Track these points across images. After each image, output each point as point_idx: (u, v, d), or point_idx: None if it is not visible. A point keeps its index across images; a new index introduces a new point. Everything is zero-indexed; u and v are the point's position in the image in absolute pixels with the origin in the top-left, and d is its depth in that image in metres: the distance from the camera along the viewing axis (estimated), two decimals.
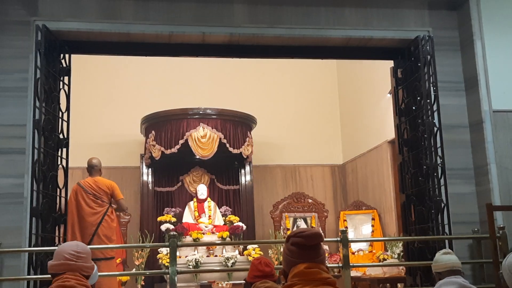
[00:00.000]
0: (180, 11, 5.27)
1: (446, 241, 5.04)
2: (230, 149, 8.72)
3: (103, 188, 6.26)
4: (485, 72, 5.30)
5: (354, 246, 8.30)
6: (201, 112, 8.76)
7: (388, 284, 7.16)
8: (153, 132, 8.73)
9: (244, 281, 7.74)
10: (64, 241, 5.07)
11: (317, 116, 10.52)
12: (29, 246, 4.58)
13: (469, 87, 5.44)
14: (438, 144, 5.22)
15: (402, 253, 7.22)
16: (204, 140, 8.58)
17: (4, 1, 5.03)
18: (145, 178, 9.34)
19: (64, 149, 5.17)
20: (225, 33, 5.33)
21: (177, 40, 5.40)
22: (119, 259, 7.47)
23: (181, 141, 8.56)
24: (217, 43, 5.50)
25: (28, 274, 4.58)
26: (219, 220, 8.79)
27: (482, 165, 5.23)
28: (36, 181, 4.69)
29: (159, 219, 8.67)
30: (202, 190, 8.95)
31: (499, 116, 5.25)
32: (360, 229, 8.82)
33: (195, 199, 8.96)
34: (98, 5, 5.18)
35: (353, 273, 7.26)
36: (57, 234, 5.01)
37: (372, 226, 8.64)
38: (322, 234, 2.37)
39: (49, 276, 2.60)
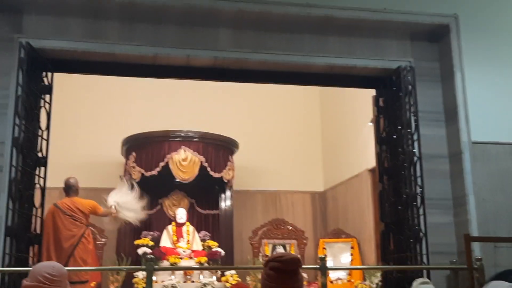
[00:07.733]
0: (165, 33, 5.29)
1: (424, 271, 5.03)
2: (211, 173, 8.68)
3: (83, 209, 6.14)
4: (464, 104, 5.37)
5: (332, 275, 8.25)
6: (183, 135, 8.73)
7: None
8: (133, 153, 8.66)
9: None
10: (39, 261, 4.95)
11: (299, 142, 10.54)
12: (2, 266, 4.47)
13: (449, 118, 5.51)
14: (418, 174, 5.25)
15: (380, 283, 7.19)
16: (185, 163, 8.53)
17: None
18: None
19: (42, 168, 5.10)
20: (210, 56, 5.35)
21: (161, 62, 5.40)
22: (94, 282, 7.31)
23: (161, 164, 8.50)
24: (201, 66, 5.51)
25: None
26: (198, 245, 8.68)
27: (460, 196, 5.27)
28: (12, 200, 4.60)
29: (136, 242, 8.51)
30: (181, 214, 8.83)
31: (478, 148, 5.31)
32: (339, 257, 8.77)
33: (173, 223, 8.84)
34: (83, 24, 5.17)
35: None
36: (31, 254, 4.91)
37: (351, 255, 8.61)
38: (301, 259, 2.35)
39: None
